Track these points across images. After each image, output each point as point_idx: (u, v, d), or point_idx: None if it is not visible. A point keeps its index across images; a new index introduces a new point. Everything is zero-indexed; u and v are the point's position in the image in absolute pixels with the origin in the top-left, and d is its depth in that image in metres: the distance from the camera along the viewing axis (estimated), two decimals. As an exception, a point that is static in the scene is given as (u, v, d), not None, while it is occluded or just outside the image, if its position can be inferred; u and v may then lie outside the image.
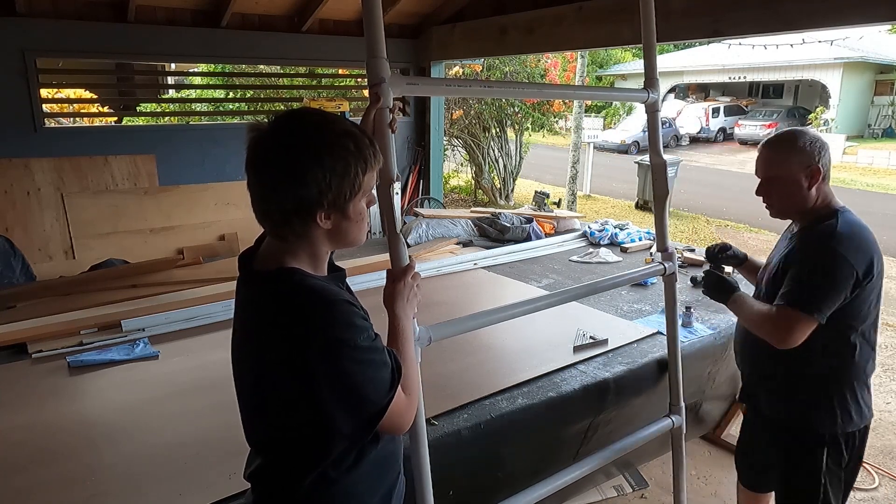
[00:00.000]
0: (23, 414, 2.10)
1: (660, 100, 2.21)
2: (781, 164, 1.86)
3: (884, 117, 21.96)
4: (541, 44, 5.07)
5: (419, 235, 4.52)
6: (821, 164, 1.83)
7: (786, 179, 1.85)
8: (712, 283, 2.10)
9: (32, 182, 4.69)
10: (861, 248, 1.75)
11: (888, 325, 5.62)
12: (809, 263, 1.79)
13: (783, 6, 3.37)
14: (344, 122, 1.16)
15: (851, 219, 1.83)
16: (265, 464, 1.22)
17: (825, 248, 1.76)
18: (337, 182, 1.09)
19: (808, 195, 1.84)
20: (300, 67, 6.71)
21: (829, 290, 1.74)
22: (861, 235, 1.79)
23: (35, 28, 4.63)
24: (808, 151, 1.83)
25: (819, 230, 1.81)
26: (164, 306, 2.95)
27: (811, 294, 1.76)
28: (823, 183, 1.85)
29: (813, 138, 1.85)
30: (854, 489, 3.16)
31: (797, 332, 1.77)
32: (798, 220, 1.94)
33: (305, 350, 1.06)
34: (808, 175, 1.82)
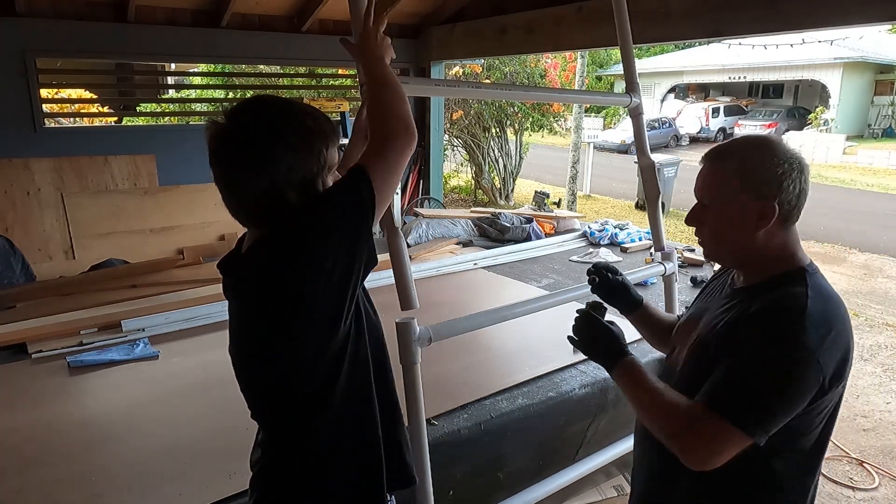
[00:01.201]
0: (23, 414, 2.10)
1: (642, 103, 2.21)
2: (721, 189, 1.21)
3: (884, 117, 21.96)
4: (541, 44, 5.07)
5: (419, 235, 4.52)
6: (783, 199, 1.15)
7: (722, 212, 1.21)
8: (589, 333, 1.33)
9: (32, 182, 4.69)
10: (837, 339, 1.12)
11: (888, 325, 5.62)
12: (761, 358, 1.11)
13: (783, 6, 3.37)
14: (300, 102, 1.18)
15: (824, 287, 1.18)
16: (269, 438, 1.24)
17: (789, 337, 1.10)
18: (302, 160, 1.10)
19: (753, 240, 1.19)
20: (300, 67, 6.71)
21: (783, 402, 1.10)
22: (836, 317, 1.15)
23: (35, 28, 4.62)
24: (765, 177, 1.16)
25: (779, 302, 1.15)
26: (164, 306, 2.95)
27: (756, 404, 1.11)
28: (784, 227, 1.19)
29: (780, 158, 1.16)
30: (854, 489, 3.16)
31: (722, 451, 1.12)
32: (740, 271, 1.28)
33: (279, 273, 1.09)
34: (758, 212, 1.16)
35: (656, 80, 25.37)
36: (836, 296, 1.18)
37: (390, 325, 1.42)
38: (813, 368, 1.08)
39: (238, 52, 5.55)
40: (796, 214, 1.19)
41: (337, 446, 1.21)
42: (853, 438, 3.66)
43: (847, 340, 1.15)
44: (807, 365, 1.08)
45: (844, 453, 3.49)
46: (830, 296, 1.17)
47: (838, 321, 1.14)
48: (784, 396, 1.10)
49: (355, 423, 1.22)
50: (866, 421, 3.87)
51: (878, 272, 7.47)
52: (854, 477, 3.29)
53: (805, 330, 1.09)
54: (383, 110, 1.18)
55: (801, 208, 1.19)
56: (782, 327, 1.12)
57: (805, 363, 1.08)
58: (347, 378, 1.18)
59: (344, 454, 1.22)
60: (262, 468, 1.25)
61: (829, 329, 1.11)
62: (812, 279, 1.17)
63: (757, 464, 1.18)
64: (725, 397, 1.12)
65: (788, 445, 1.18)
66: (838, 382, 1.14)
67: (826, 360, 1.10)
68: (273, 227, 1.12)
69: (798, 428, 1.16)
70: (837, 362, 1.12)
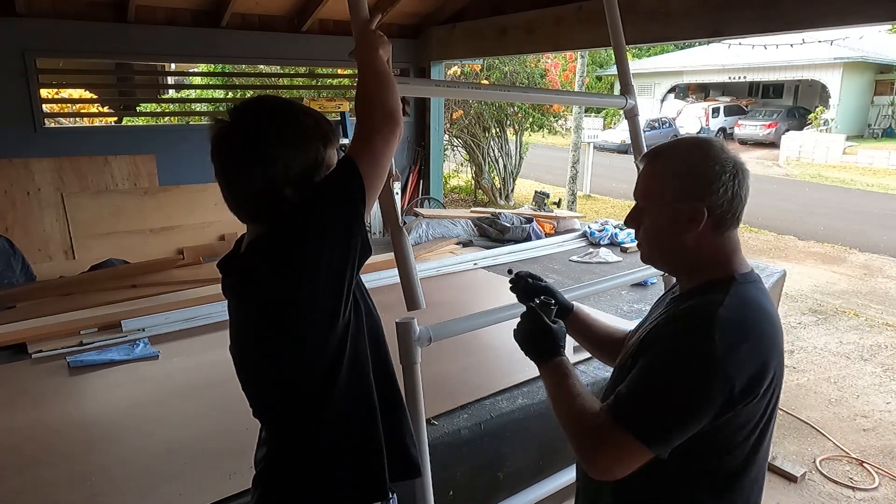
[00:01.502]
0: (23, 414, 2.10)
1: (637, 105, 2.20)
2: (654, 191, 1.18)
3: (884, 117, 21.96)
4: (541, 44, 5.07)
5: (419, 235, 4.52)
6: (713, 203, 1.11)
7: (655, 215, 1.17)
8: (527, 328, 1.31)
9: (32, 182, 4.69)
10: (752, 351, 1.06)
11: (888, 325, 5.62)
12: (665, 367, 1.07)
13: (783, 6, 3.37)
14: (301, 103, 1.21)
15: (750, 295, 1.12)
16: (272, 433, 1.25)
17: (693, 341, 1.06)
18: (300, 157, 1.13)
19: (684, 245, 1.15)
20: (300, 67, 6.71)
21: (684, 413, 1.04)
22: (756, 325, 1.09)
23: (35, 28, 4.62)
24: (696, 181, 1.12)
25: (695, 307, 1.12)
26: (164, 306, 2.95)
27: (655, 412, 1.06)
28: (716, 232, 1.14)
29: (714, 162, 1.12)
30: (854, 489, 3.16)
31: (622, 462, 1.06)
32: (675, 276, 1.26)
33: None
34: (687, 216, 1.12)
35: (656, 80, 25.37)
36: (763, 308, 1.12)
37: (390, 325, 1.42)
38: (718, 378, 1.02)
39: (238, 52, 5.55)
40: (731, 220, 1.14)
41: (338, 442, 1.22)
42: (853, 438, 3.66)
43: (765, 355, 1.07)
44: (710, 375, 1.02)
45: (844, 453, 3.49)
46: (754, 306, 1.11)
47: (755, 332, 1.08)
48: (685, 407, 1.04)
49: (356, 418, 1.23)
50: (866, 421, 3.87)
51: (878, 272, 7.47)
52: (854, 477, 3.29)
53: (710, 339, 1.03)
54: (371, 99, 1.20)
55: (738, 214, 1.15)
56: (688, 336, 1.07)
57: (709, 373, 1.02)
58: (348, 373, 1.19)
59: (345, 450, 1.23)
60: (265, 466, 1.26)
61: (742, 339, 1.05)
62: (738, 288, 1.11)
63: (676, 482, 1.13)
64: (627, 407, 1.07)
65: (712, 464, 1.11)
66: (751, 397, 1.05)
67: (735, 371, 1.02)
68: (270, 225, 1.14)
69: (719, 444, 1.09)
70: (751, 375, 1.04)
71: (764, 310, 1.12)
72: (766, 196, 12.79)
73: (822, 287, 6.77)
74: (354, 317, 1.19)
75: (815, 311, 5.95)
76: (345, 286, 1.13)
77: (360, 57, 1.27)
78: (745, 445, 1.11)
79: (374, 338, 1.28)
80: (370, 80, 1.23)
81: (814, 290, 6.62)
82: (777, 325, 1.13)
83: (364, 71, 1.25)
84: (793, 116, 21.73)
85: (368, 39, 1.29)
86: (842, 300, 6.33)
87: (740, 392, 1.03)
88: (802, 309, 6.00)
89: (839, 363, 4.76)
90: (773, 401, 1.12)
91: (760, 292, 1.15)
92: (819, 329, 5.50)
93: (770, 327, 1.11)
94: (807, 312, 5.92)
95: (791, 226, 9.89)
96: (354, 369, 1.20)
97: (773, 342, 1.10)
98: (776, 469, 3.26)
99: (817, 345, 5.13)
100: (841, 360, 4.82)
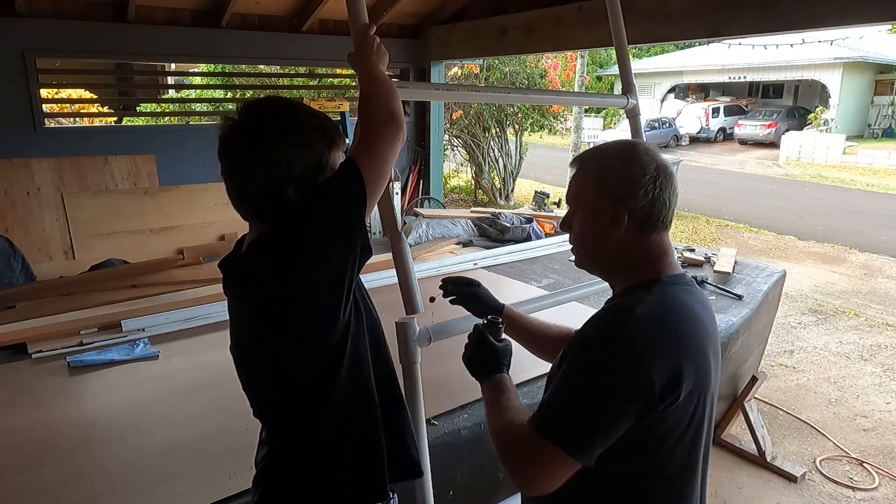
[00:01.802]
0: (23, 414, 2.10)
1: (639, 104, 2.20)
2: (580, 194, 1.18)
3: (884, 117, 21.96)
4: (541, 44, 5.07)
5: (419, 235, 4.52)
6: (634, 206, 1.11)
7: (583, 218, 1.18)
8: (476, 349, 1.28)
9: (32, 182, 4.69)
10: (670, 345, 1.03)
11: (888, 325, 5.62)
12: (579, 365, 1.06)
13: (783, 6, 3.37)
14: (308, 106, 1.22)
15: (673, 296, 1.11)
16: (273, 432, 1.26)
17: (609, 342, 1.05)
18: (304, 158, 1.14)
19: (608, 247, 1.15)
20: (300, 67, 6.71)
21: (604, 417, 1.01)
22: (674, 326, 1.07)
23: (35, 28, 4.62)
24: (618, 183, 1.13)
25: (613, 308, 1.13)
26: (164, 306, 2.95)
27: (573, 419, 1.03)
28: (640, 235, 1.13)
29: (637, 164, 1.12)
30: (854, 489, 3.17)
31: (547, 474, 1.03)
32: (606, 280, 1.25)
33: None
34: (609, 218, 1.13)
35: (656, 80, 25.37)
36: (687, 310, 1.10)
37: (390, 325, 1.42)
38: (635, 377, 1.00)
39: (238, 52, 5.55)
40: (656, 223, 1.13)
41: (338, 442, 1.22)
42: (853, 438, 3.66)
43: (681, 356, 1.03)
44: (627, 375, 1.00)
45: (844, 453, 3.49)
46: (676, 307, 1.09)
47: (674, 333, 1.05)
48: (604, 411, 1.01)
49: (357, 418, 1.23)
50: (866, 421, 3.87)
51: (878, 272, 7.47)
52: (854, 477, 3.29)
53: (626, 339, 1.02)
54: (373, 102, 1.22)
55: (662, 217, 1.13)
56: (604, 337, 1.06)
57: (625, 373, 1.00)
58: (348, 373, 1.19)
59: (345, 450, 1.23)
60: (265, 465, 1.26)
61: (659, 338, 1.03)
62: (662, 289, 1.10)
63: (604, 490, 1.10)
64: (547, 417, 1.05)
65: (640, 471, 1.08)
66: (674, 396, 1.01)
67: (652, 368, 1.00)
68: (271, 225, 1.15)
69: (646, 449, 1.06)
70: (670, 373, 1.01)
71: (687, 312, 1.09)
72: (766, 196, 12.80)
73: (822, 287, 6.77)
74: (355, 317, 1.19)
75: (815, 311, 5.95)
76: (345, 287, 1.13)
77: (358, 66, 1.29)
78: (675, 452, 1.08)
79: (374, 338, 1.28)
80: (371, 86, 1.24)
81: (814, 290, 6.62)
82: (703, 330, 1.10)
83: (363, 79, 1.27)
84: (793, 116, 21.73)
85: (366, 48, 1.31)
86: (842, 300, 6.33)
87: (661, 390, 1.00)
88: (802, 309, 6.00)
89: (839, 363, 4.76)
90: (700, 409, 1.08)
91: (688, 294, 1.13)
92: (819, 329, 5.50)
93: (691, 330, 1.08)
94: (807, 312, 5.92)
95: (791, 226, 9.89)
96: (354, 369, 1.20)
97: (692, 345, 1.06)
98: (776, 469, 3.26)
99: (817, 345, 5.13)
100: (841, 360, 4.81)
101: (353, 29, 1.37)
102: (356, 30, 1.36)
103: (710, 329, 1.12)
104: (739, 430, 3.50)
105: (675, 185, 1.15)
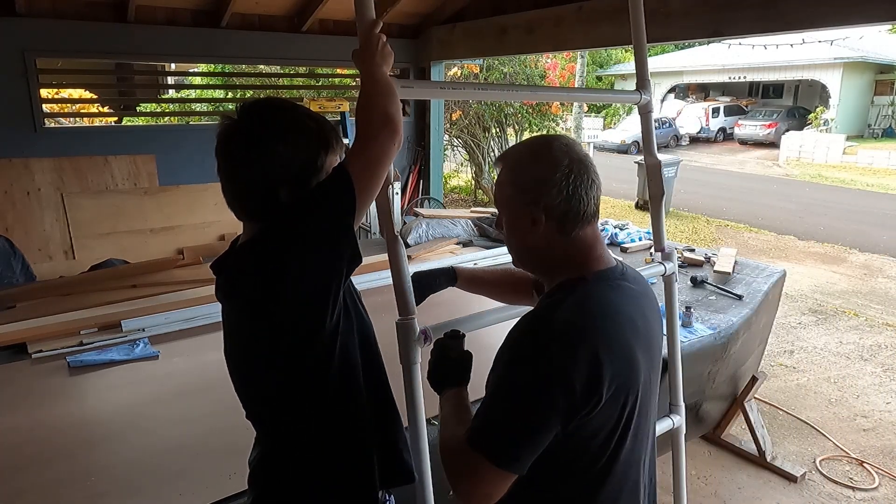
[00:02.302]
0: (23, 414, 2.10)
1: (652, 101, 2.20)
2: (501, 196, 1.18)
3: (884, 117, 21.96)
4: (541, 44, 5.07)
5: (419, 235, 4.52)
6: (548, 204, 1.09)
7: (507, 219, 1.18)
8: (434, 361, 1.31)
9: (32, 182, 4.69)
10: (589, 348, 1.00)
11: (888, 325, 5.62)
12: (501, 376, 1.05)
13: (783, 6, 3.37)
14: (308, 109, 1.23)
15: (596, 294, 1.09)
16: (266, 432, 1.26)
17: (526, 347, 1.04)
18: (299, 159, 1.14)
19: (532, 246, 1.15)
20: (300, 67, 6.71)
21: (528, 425, 1.00)
22: (598, 326, 1.04)
23: (35, 28, 4.62)
24: (531, 183, 1.11)
25: (533, 313, 1.11)
26: (164, 306, 2.95)
27: (500, 431, 1.02)
28: (563, 233, 1.11)
29: (548, 162, 1.11)
30: (854, 489, 3.17)
31: (485, 488, 1.02)
32: (541, 279, 1.23)
33: None
34: (529, 218, 1.12)
35: (656, 80, 25.34)
36: (610, 309, 1.07)
37: (390, 324, 1.42)
38: (554, 384, 0.98)
39: (238, 52, 5.55)
40: (577, 219, 1.11)
41: (327, 445, 1.23)
42: (853, 438, 3.66)
43: (598, 359, 1.00)
44: (547, 381, 0.99)
45: (844, 453, 3.49)
46: (598, 308, 1.06)
47: (594, 335, 1.02)
48: (528, 420, 1.00)
49: (346, 420, 1.23)
50: (866, 421, 3.87)
51: (878, 272, 7.47)
52: (854, 477, 3.29)
53: (544, 346, 1.01)
54: (370, 106, 1.19)
55: (582, 212, 1.11)
56: (522, 345, 1.05)
57: (545, 379, 0.99)
58: (337, 378, 1.19)
59: (334, 453, 1.23)
60: (257, 466, 1.27)
61: (579, 343, 1.00)
62: (586, 289, 1.08)
63: (535, 495, 1.09)
64: (477, 430, 1.04)
65: (566, 474, 1.07)
66: (596, 397, 1.00)
67: (572, 372, 0.98)
68: (262, 226, 1.15)
69: (571, 453, 1.05)
70: (590, 375, 0.99)
71: (610, 312, 1.07)
72: (766, 196, 12.80)
73: (822, 287, 6.77)
74: (345, 323, 1.19)
75: (815, 311, 5.95)
76: (331, 292, 1.12)
77: (362, 65, 1.25)
78: (606, 451, 1.07)
79: (366, 345, 1.28)
80: (370, 88, 1.21)
81: (814, 290, 6.62)
82: (630, 327, 1.07)
83: (364, 81, 1.24)
84: (793, 116, 21.73)
85: (371, 47, 1.26)
86: (842, 300, 6.33)
87: (582, 394, 0.99)
88: (802, 309, 6.00)
89: (839, 363, 4.76)
90: (630, 407, 1.06)
91: (615, 291, 1.11)
92: (819, 329, 5.50)
93: (613, 330, 1.05)
94: (807, 312, 5.92)
95: (791, 226, 9.89)
96: (344, 374, 1.20)
97: (614, 346, 1.03)
98: (776, 469, 3.27)
99: (817, 345, 5.13)
100: (841, 360, 4.82)
101: (359, 25, 1.34)
102: (362, 26, 1.31)
103: (640, 325, 1.10)
104: (739, 430, 3.50)
105: (593, 177, 1.13)
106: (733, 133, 22.18)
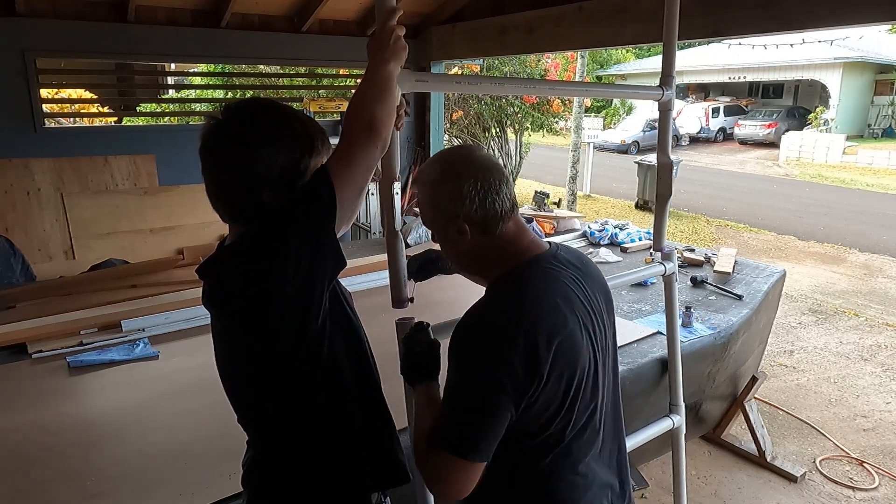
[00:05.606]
0: (23, 414, 2.10)
1: (674, 98, 2.18)
2: (425, 215, 1.25)
3: (884, 117, 21.95)
4: (541, 44, 5.07)
5: (419, 235, 4.52)
6: (467, 214, 1.16)
7: (436, 234, 1.25)
8: (403, 357, 1.32)
9: (32, 182, 4.69)
10: (525, 331, 1.06)
11: (888, 325, 5.62)
12: (452, 365, 1.11)
13: (783, 6, 3.37)
14: (296, 110, 1.21)
15: (530, 280, 1.14)
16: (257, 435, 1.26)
17: (468, 340, 1.11)
18: (283, 161, 1.12)
19: (464, 254, 1.22)
20: (300, 67, 6.70)
21: (477, 412, 1.06)
22: (531, 310, 1.09)
23: (35, 28, 4.62)
24: (445, 202, 1.18)
25: (473, 308, 1.17)
26: (164, 306, 2.95)
27: (454, 422, 1.07)
28: (487, 235, 1.18)
29: (453, 178, 1.17)
30: (854, 489, 3.17)
31: (453, 481, 1.07)
32: (484, 282, 1.27)
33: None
34: (456, 231, 1.18)
35: (656, 80, 25.34)
36: (542, 294, 1.12)
37: (390, 324, 1.42)
38: (498, 371, 1.04)
39: (238, 52, 5.54)
40: (496, 219, 1.17)
41: (317, 446, 1.22)
42: (853, 438, 3.66)
43: (534, 340, 1.06)
44: (491, 370, 1.05)
45: (844, 453, 3.49)
46: (531, 292, 1.12)
47: (529, 317, 1.08)
48: (480, 409, 1.05)
49: (335, 423, 1.23)
50: (866, 421, 3.87)
51: (878, 272, 7.47)
52: (854, 477, 3.29)
53: (482, 338, 1.08)
54: (357, 106, 1.16)
55: (499, 211, 1.17)
56: (465, 339, 1.10)
57: (489, 369, 1.05)
58: (325, 379, 1.19)
59: (324, 454, 1.23)
60: (248, 468, 1.27)
61: (515, 326, 1.06)
62: (519, 276, 1.15)
63: (494, 479, 1.11)
64: (437, 426, 1.10)
65: (519, 452, 1.12)
66: (537, 377, 1.06)
67: (512, 360, 1.04)
68: (245, 230, 1.14)
69: (520, 432, 1.09)
70: (528, 361, 1.05)
71: (542, 294, 1.12)
72: (766, 196, 12.80)
73: (821, 287, 6.77)
74: (332, 324, 1.17)
75: (814, 311, 5.95)
76: (314, 294, 1.11)
77: (369, 57, 1.22)
78: (548, 431, 1.11)
79: (356, 347, 1.27)
80: (365, 87, 1.19)
81: (814, 290, 6.62)
82: (567, 306, 1.12)
83: (364, 76, 1.22)
84: (793, 116, 21.73)
85: (383, 38, 1.23)
86: (842, 300, 6.33)
87: (525, 375, 1.04)
88: (802, 309, 6.00)
89: (839, 363, 4.76)
90: (577, 383, 1.11)
91: (549, 274, 1.16)
92: (819, 329, 5.50)
93: (548, 311, 1.10)
94: (807, 312, 5.92)
95: (791, 226, 9.89)
96: (331, 376, 1.19)
97: (548, 326, 1.08)
98: (776, 469, 3.27)
99: (817, 345, 5.13)
100: (841, 360, 4.81)
101: (378, 12, 1.27)
102: (380, 13, 1.26)
103: (579, 302, 1.15)
104: (739, 430, 3.50)
105: (499, 177, 1.19)
106: (733, 133, 22.18)
